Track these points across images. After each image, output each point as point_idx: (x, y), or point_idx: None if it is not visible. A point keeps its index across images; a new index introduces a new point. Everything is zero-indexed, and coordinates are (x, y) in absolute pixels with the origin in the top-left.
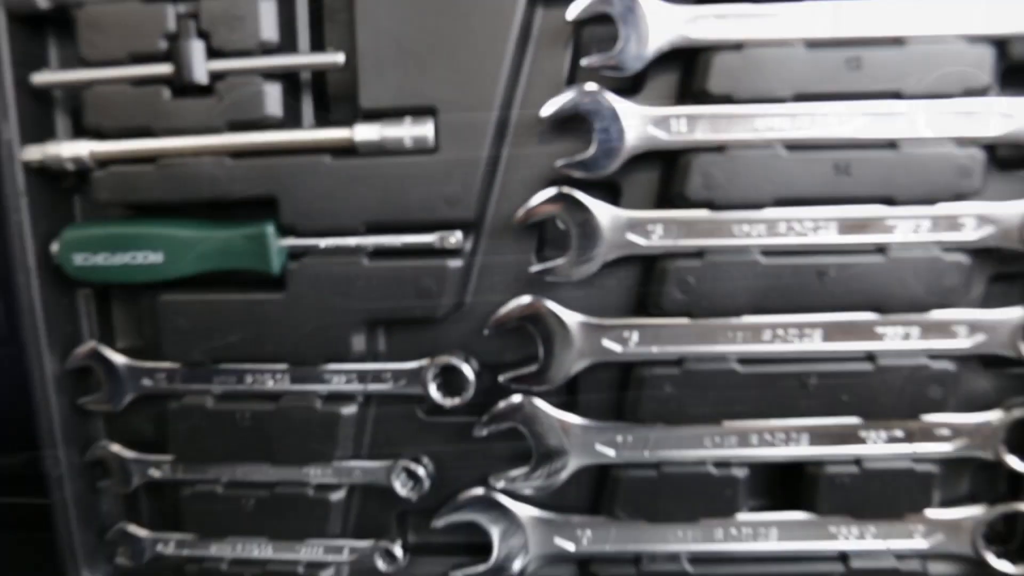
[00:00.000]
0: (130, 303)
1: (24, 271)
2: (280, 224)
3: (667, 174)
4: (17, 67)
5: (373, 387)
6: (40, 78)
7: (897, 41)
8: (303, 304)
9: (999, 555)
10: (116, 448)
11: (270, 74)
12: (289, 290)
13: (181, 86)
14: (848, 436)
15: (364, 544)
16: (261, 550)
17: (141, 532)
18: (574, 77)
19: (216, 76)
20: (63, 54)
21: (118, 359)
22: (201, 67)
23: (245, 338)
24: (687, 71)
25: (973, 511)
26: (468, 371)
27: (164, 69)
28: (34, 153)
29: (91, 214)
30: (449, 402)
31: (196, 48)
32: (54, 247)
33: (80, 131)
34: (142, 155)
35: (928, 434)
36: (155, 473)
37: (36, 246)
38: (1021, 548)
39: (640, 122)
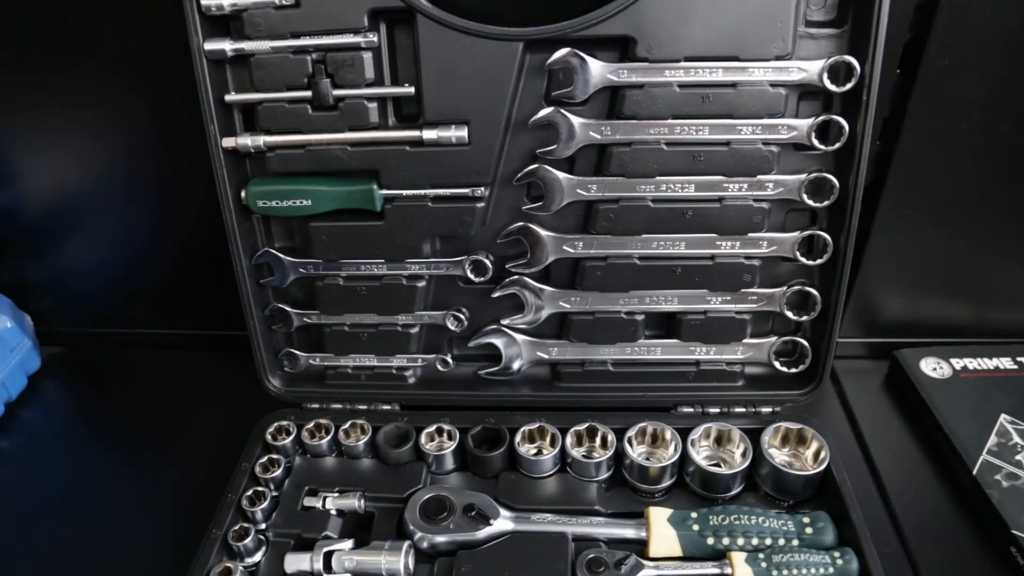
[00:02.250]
0: (284, 223)
1: (228, 209)
2: (380, 183)
3: (600, 157)
4: (213, 89)
5: (434, 272)
6: (230, 98)
7: (732, 86)
8: (394, 228)
9: (783, 363)
10: (283, 306)
11: (370, 98)
12: (386, 220)
13: (318, 104)
14: (699, 299)
15: (429, 356)
16: (370, 360)
17: (298, 353)
18: (548, 95)
19: (338, 99)
20: (234, 75)
21: (284, 257)
22: (329, 94)
23: (360, 247)
24: (612, 99)
25: (770, 339)
26: (488, 262)
27: (307, 94)
28: (229, 143)
29: (256, 173)
30: (478, 279)
31: (325, 83)
32: (243, 194)
33: (249, 126)
34: (296, 144)
35: (744, 299)
36: (307, 320)
37: (232, 193)
38: (797, 359)
39: (584, 128)
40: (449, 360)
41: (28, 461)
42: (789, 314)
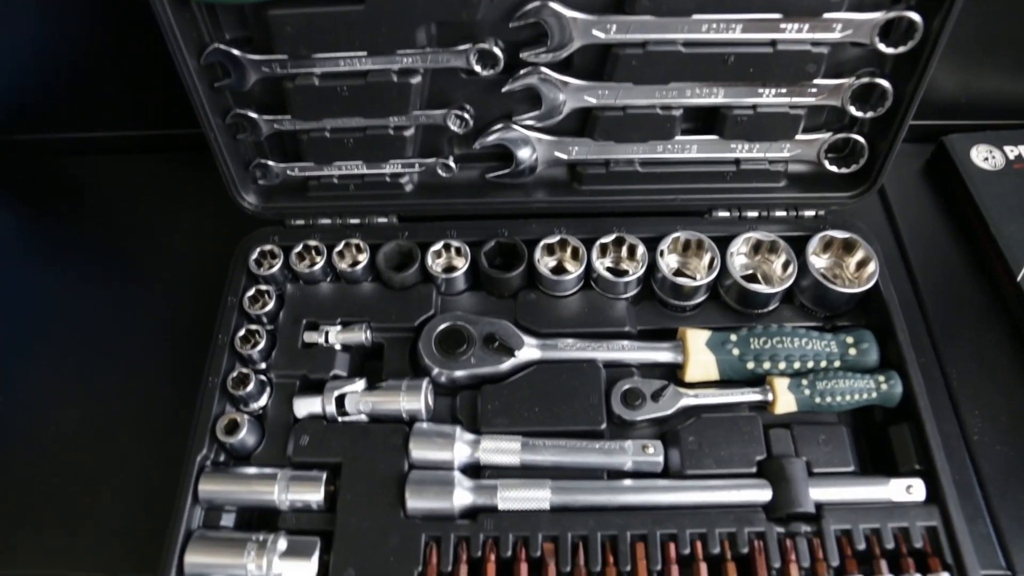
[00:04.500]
0: (234, 9)
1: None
2: None
3: None
4: None
5: (431, 64)
6: None
7: None
8: (378, 12)
9: (833, 162)
10: (247, 112)
11: None
12: (367, 2)
13: None
14: (749, 93)
15: (428, 160)
16: (359, 168)
17: (272, 163)
18: None
19: None
20: None
21: (240, 54)
22: None
23: (336, 38)
24: None
25: (822, 136)
26: (497, 51)
27: None
28: None
29: None
30: (485, 72)
31: None
32: None
33: None
34: None
35: (802, 92)
36: (278, 127)
37: None
38: (846, 157)
39: None
40: (451, 164)
41: None
42: (852, 109)
